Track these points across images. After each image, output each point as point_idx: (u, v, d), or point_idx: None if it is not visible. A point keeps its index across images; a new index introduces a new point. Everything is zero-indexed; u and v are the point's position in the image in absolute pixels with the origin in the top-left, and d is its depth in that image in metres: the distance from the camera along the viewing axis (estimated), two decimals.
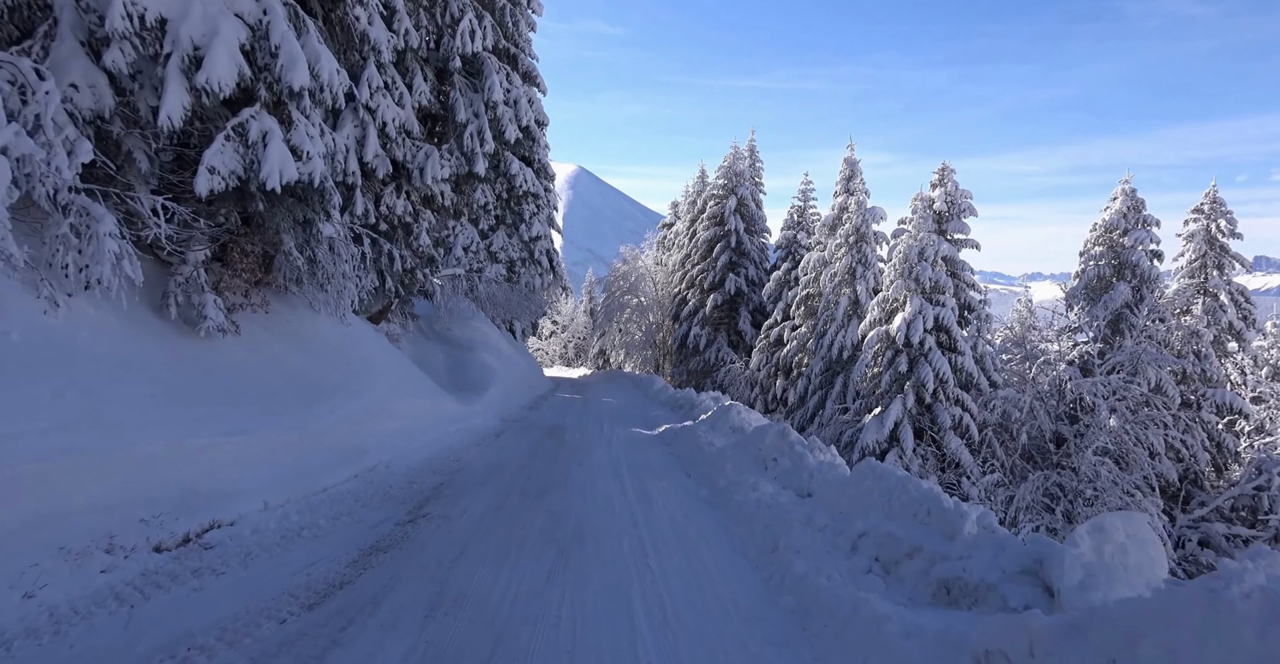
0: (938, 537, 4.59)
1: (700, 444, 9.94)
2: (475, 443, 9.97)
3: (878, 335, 18.34)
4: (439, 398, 10.64)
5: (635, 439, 12.28)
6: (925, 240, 18.11)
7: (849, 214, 21.53)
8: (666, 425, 13.69)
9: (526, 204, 24.43)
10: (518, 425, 12.76)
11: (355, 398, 7.60)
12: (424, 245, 12.80)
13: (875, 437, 17.86)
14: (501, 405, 15.02)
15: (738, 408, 10.84)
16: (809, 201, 30.18)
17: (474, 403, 12.57)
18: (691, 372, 33.35)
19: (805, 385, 23.05)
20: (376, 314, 13.77)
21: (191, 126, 5.62)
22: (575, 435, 12.09)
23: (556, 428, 13.01)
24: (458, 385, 14.37)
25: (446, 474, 7.68)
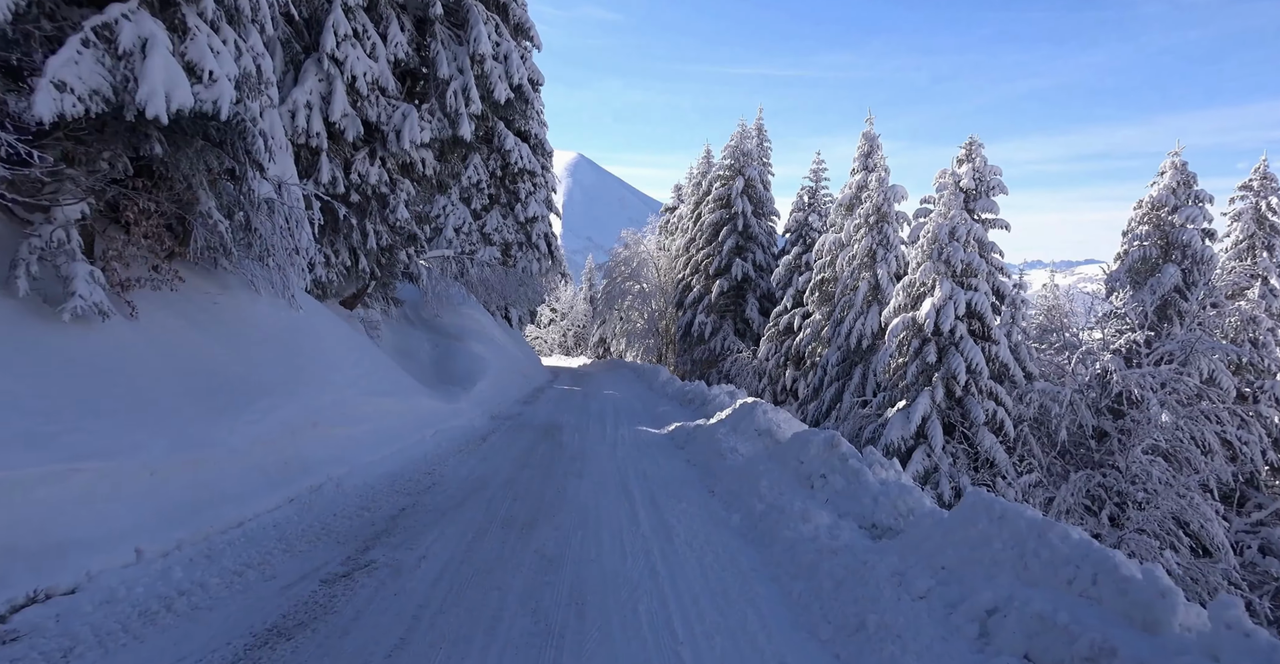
0: (1122, 623, 2.99)
1: (721, 450, 8.33)
2: (456, 450, 8.35)
3: (903, 323, 16.72)
4: (415, 396, 9.02)
5: (643, 441, 10.68)
6: (956, 219, 16.44)
7: (869, 192, 19.83)
8: (677, 424, 12.10)
9: (522, 182, 22.73)
10: (509, 425, 11.15)
11: (295, 399, 5.99)
12: (402, 220, 11.13)
13: (901, 433, 16.28)
14: (492, 401, 13.42)
15: (763, 407, 9.22)
16: (820, 182, 28.44)
17: (459, 399, 10.96)
18: (696, 361, 31.76)
19: (820, 376, 21.45)
20: (350, 298, 12.15)
21: (35, 26, 3.98)
22: (574, 437, 10.48)
23: (553, 427, 11.41)
24: (444, 379, 12.76)
25: (412, 494, 6.08)
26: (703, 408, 13.39)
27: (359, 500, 5.71)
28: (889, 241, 19.59)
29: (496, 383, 15.02)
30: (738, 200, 30.06)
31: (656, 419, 13.54)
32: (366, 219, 10.91)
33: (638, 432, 11.76)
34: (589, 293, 52.19)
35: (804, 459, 6.28)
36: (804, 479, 6.13)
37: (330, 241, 10.87)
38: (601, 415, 13.77)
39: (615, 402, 16.46)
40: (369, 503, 5.68)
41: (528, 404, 14.86)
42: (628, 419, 13.42)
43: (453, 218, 21.43)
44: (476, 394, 12.43)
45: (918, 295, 16.99)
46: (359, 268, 11.27)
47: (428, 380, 11.75)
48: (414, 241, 13.14)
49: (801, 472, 6.21)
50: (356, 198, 10.73)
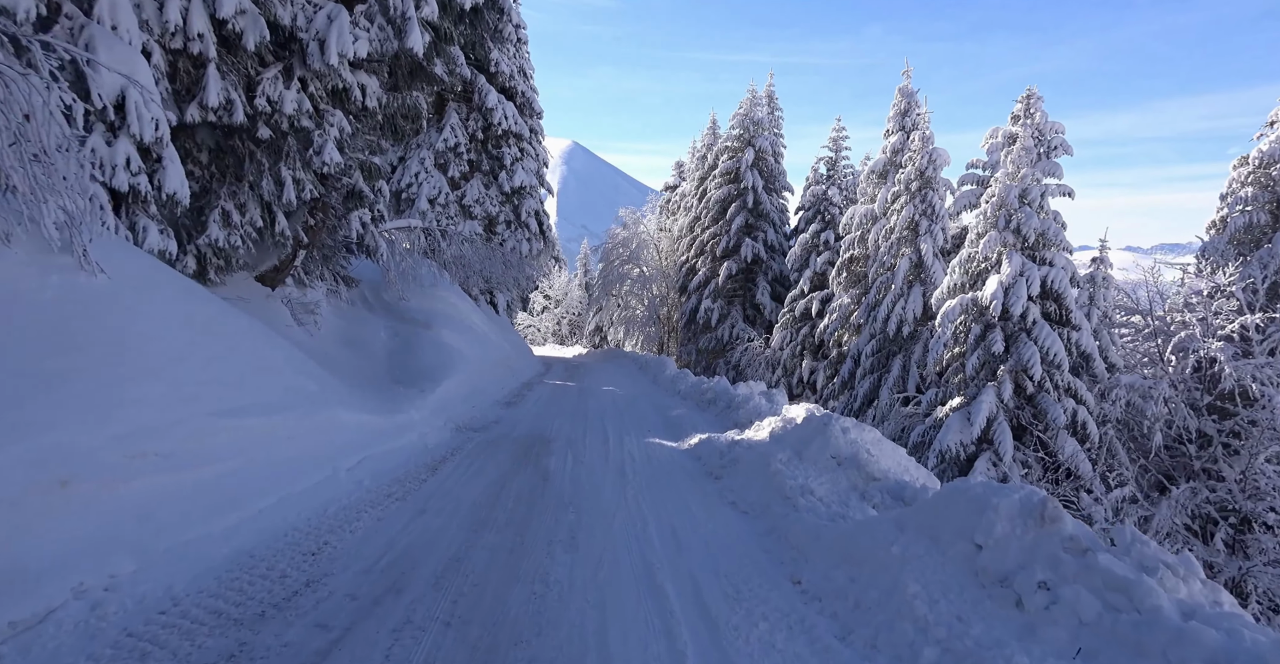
0: None
1: (786, 491, 5.43)
2: (383, 493, 5.42)
3: (960, 305, 13.82)
4: (329, 408, 6.08)
5: (660, 464, 7.77)
6: (1027, 179, 13.50)
7: (911, 154, 16.86)
8: (700, 435, 9.20)
9: (507, 146, 19.66)
10: (478, 442, 8.22)
11: (32, 435, 3.11)
12: (333, 165, 8.11)
13: (960, 437, 13.42)
14: (463, 404, 10.50)
15: (838, 423, 6.24)
16: (841, 152, 25.43)
17: (410, 407, 8.01)
18: (701, 351, 28.86)
19: (851, 368, 18.56)
20: (270, 272, 9.17)
21: None
22: (565, 460, 7.56)
23: (537, 442, 8.50)
24: (399, 377, 9.82)
25: (253, 612, 3.20)
26: (730, 413, 10.48)
27: (121, 644, 2.80)
28: (934, 211, 16.64)
29: (471, 380, 12.08)
30: (747, 174, 27.05)
31: (671, 426, 10.64)
32: (283, 162, 7.91)
33: (650, 447, 8.85)
34: (584, 279, 49.13)
35: (984, 540, 3.36)
36: (993, 581, 3.22)
37: (232, 193, 7.87)
38: (602, 420, 10.87)
39: (617, 401, 13.54)
40: (142, 647, 2.78)
41: (510, 406, 11.93)
42: (635, 426, 10.52)
43: (426, 187, 18.41)
44: (440, 397, 9.49)
45: (978, 272, 14.08)
46: (275, 231, 8.27)
47: (373, 381, 8.82)
48: (358, 201, 10.15)
49: (983, 567, 3.29)
50: (267, 133, 7.72)
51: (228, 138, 7.86)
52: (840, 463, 5.76)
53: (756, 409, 9.61)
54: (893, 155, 18.66)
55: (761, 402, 9.79)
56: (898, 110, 18.67)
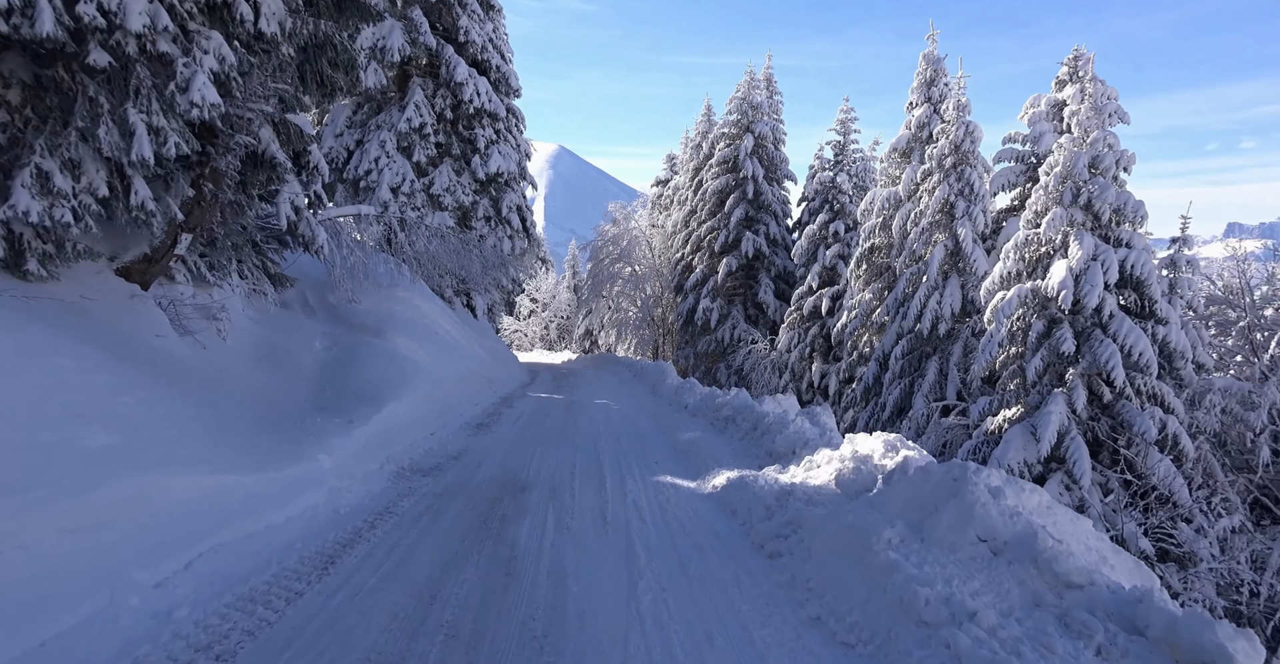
0: None
1: (920, 611, 3.05)
2: (191, 646, 3.01)
3: (1018, 297, 11.50)
4: (139, 473, 3.60)
5: (682, 527, 5.32)
6: (1098, 143, 11.21)
7: (944, 125, 14.54)
8: (726, 472, 6.82)
9: (480, 127, 17.18)
10: (422, 494, 5.78)
11: None
12: (208, 106, 5.67)
13: (1023, 454, 11.10)
14: (415, 432, 8.06)
15: (985, 479, 3.80)
16: (850, 135, 23.16)
17: (322, 449, 5.53)
18: (700, 354, 26.51)
19: (875, 372, 16.22)
20: (139, 264, 6.65)
21: None
22: (544, 529, 5.09)
23: (507, 492, 6.05)
24: (326, 401, 7.36)
25: None
26: (760, 440, 8.05)
27: None
28: (972, 190, 14.33)
29: (432, 398, 9.65)
30: (746, 162, 24.74)
31: (684, 456, 8.23)
32: (131, 103, 5.46)
33: (663, 493, 6.45)
34: (572, 281, 46.69)
35: None
36: None
37: (55, 146, 5.40)
38: (595, 449, 8.46)
39: (613, 419, 11.13)
40: None
41: (481, 431, 9.49)
42: (638, 457, 8.11)
43: (388, 174, 15.93)
44: (379, 427, 7.05)
45: (1038, 258, 11.77)
46: (132, 204, 5.81)
47: (281, 410, 6.35)
48: (271, 172, 7.69)
49: None
50: (105, 60, 5.27)
51: (47, 66, 5.40)
52: (998, 550, 3.38)
53: (800, 436, 7.21)
54: (918, 130, 16.37)
55: (804, 425, 7.38)
56: (922, 79, 16.38)
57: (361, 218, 11.93)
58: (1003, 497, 3.59)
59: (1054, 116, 14.58)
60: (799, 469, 6.30)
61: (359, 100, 16.31)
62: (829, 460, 5.94)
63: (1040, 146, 14.47)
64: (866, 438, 6.00)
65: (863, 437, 6.03)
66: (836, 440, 6.58)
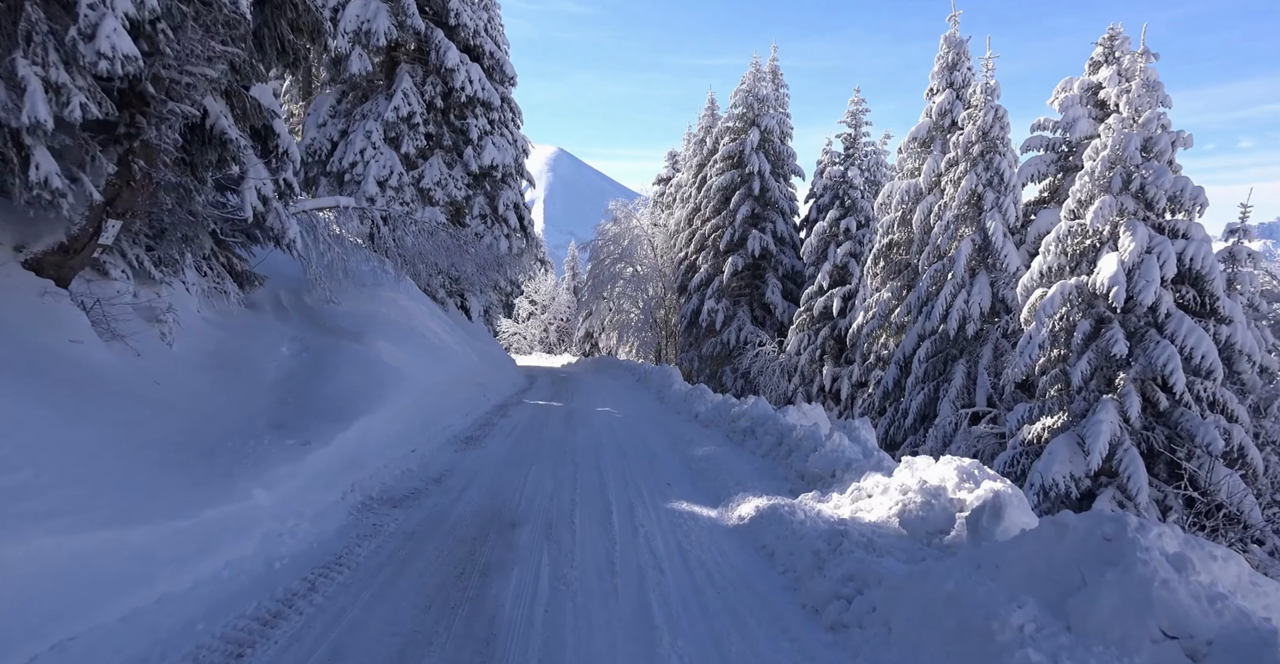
0: None
1: None
2: None
3: (1062, 294, 10.42)
4: None
5: (710, 580, 4.21)
6: (1151, 124, 10.14)
7: (971, 111, 13.47)
8: (753, 499, 5.75)
9: (473, 117, 16.09)
10: (387, 534, 4.67)
11: None
12: (119, 58, 4.58)
13: (1070, 467, 10.01)
14: (392, 449, 6.97)
15: (1157, 539, 2.76)
16: (861, 128, 22.10)
17: (260, 481, 4.42)
18: (705, 357, 25.44)
19: (895, 376, 15.13)
20: (54, 255, 5.53)
21: None
22: (536, 587, 3.96)
23: (493, 530, 4.95)
24: (286, 416, 6.27)
25: None
26: (789, 458, 6.95)
27: None
28: (1002, 181, 13.24)
29: (415, 410, 8.56)
30: (752, 157, 23.68)
31: (701, 476, 7.14)
32: (22, 51, 4.38)
33: (682, 528, 5.36)
34: (572, 283, 45.61)
35: None
36: None
37: None
38: (598, 468, 7.38)
39: (617, 430, 10.05)
40: None
41: (469, 446, 8.40)
42: (648, 478, 7.03)
43: (375, 166, 14.84)
44: (346, 447, 5.95)
45: (1083, 251, 10.69)
46: (33, 181, 4.74)
47: (222, 430, 5.26)
48: (220, 151, 6.61)
49: None
50: None
51: None
52: (1199, 656, 2.29)
53: (839, 455, 6.11)
54: (939, 118, 15.31)
55: (842, 442, 6.28)
56: (944, 64, 15.32)
57: (341, 211, 10.85)
58: (1190, 569, 2.51)
59: (1088, 101, 13.53)
60: (844, 498, 5.21)
61: (343, 88, 15.25)
62: (883, 489, 4.85)
63: (1074, 133, 13.41)
64: (929, 462, 4.91)
65: (924, 460, 4.94)
66: (887, 463, 5.49)
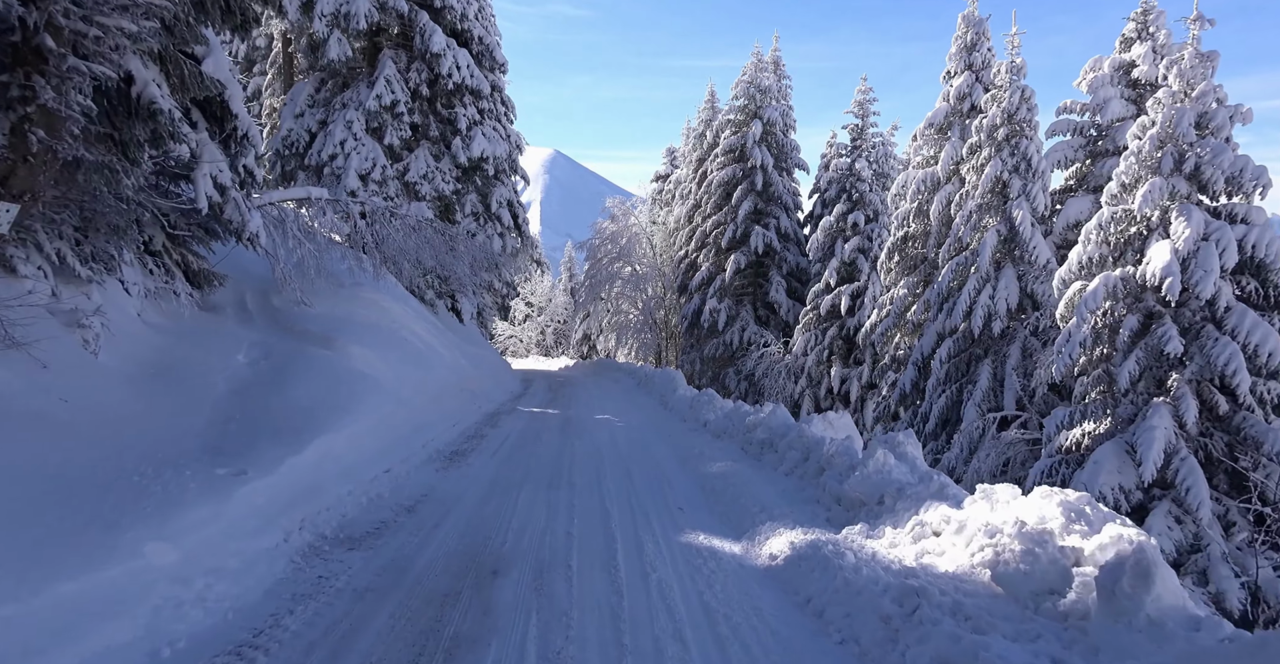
0: None
1: None
2: None
3: (1105, 287, 9.43)
4: None
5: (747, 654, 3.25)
6: (1207, 98, 9.15)
7: (996, 92, 12.46)
8: (784, 531, 4.77)
9: (461, 105, 15.04)
10: (323, 601, 3.61)
11: None
12: None
13: (1118, 478, 9.02)
14: (356, 476, 5.95)
15: None
16: (869, 117, 21.13)
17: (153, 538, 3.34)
18: (707, 359, 24.44)
19: (913, 377, 14.14)
20: None
21: None
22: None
23: (470, 583, 3.93)
24: (231, 435, 5.25)
25: None
26: (820, 478, 5.93)
27: None
28: (1030, 166, 12.25)
29: (391, 424, 7.55)
30: (755, 150, 22.70)
31: (718, 500, 6.15)
32: None
33: (701, 568, 4.38)
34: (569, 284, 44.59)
35: None
36: None
37: None
38: (599, 493, 6.37)
39: (619, 443, 9.03)
40: None
41: (452, 464, 7.39)
42: (657, 503, 6.04)
43: (356, 159, 13.81)
44: (292, 477, 4.94)
45: (1129, 239, 9.71)
46: None
47: (137, 459, 4.25)
48: (150, 123, 5.60)
49: None
50: None
51: None
52: None
53: (884, 477, 5.11)
54: (957, 102, 14.33)
55: (887, 461, 5.27)
56: (961, 45, 14.34)
57: (313, 203, 9.83)
58: None
59: (1120, 81, 12.56)
60: (901, 535, 4.21)
61: (322, 76, 14.23)
62: (957, 527, 3.84)
63: (1104, 115, 12.44)
64: (1012, 492, 3.89)
65: (1005, 489, 3.92)
66: (952, 490, 4.47)
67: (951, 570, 3.53)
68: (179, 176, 7.97)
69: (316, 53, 13.74)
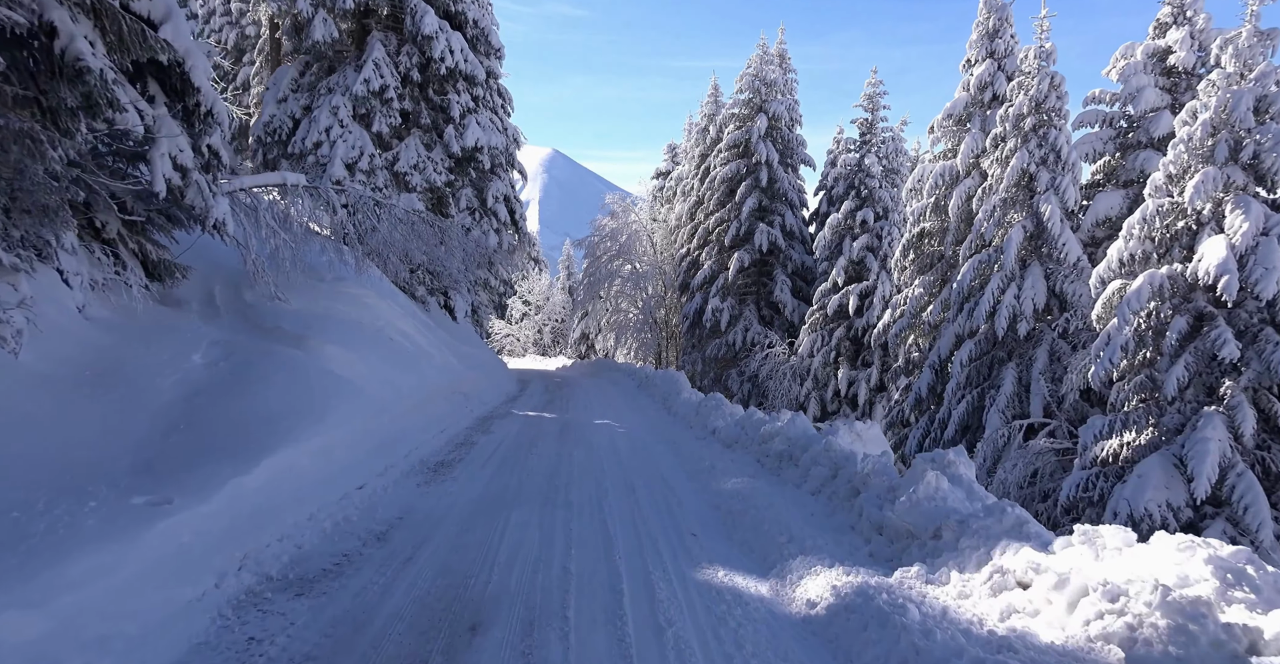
0: None
1: None
2: None
3: (1151, 286, 8.63)
4: None
5: None
6: (1267, 79, 8.35)
7: (1023, 79, 11.63)
8: (824, 572, 3.95)
9: (454, 92, 14.18)
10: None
11: None
12: None
13: (1166, 494, 8.22)
14: (319, 496, 5.13)
15: None
16: (879, 110, 20.32)
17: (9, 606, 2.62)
18: (709, 360, 23.63)
19: (929, 381, 13.33)
20: None
21: None
22: None
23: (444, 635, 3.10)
24: (159, 457, 4.42)
25: None
26: (854, 501, 5.09)
27: None
28: (1059, 158, 11.44)
29: (369, 433, 6.74)
30: (759, 145, 21.88)
31: (736, 525, 5.33)
32: None
33: (725, 619, 3.56)
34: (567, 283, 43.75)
35: None
36: None
37: None
38: (600, 515, 5.55)
39: (622, 453, 8.20)
40: None
41: (436, 478, 6.57)
42: (667, 529, 5.23)
43: (342, 147, 12.96)
44: (239, 498, 4.13)
45: (1176, 234, 8.91)
46: None
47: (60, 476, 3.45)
48: (80, 85, 4.78)
49: None
50: None
51: None
52: None
53: (937, 504, 4.30)
54: (978, 92, 13.52)
55: (940, 485, 4.45)
56: (983, 32, 13.53)
57: (289, 190, 8.99)
58: None
59: (1154, 68, 11.76)
60: (975, 583, 3.40)
61: (307, 59, 13.38)
62: (1052, 581, 3.03)
63: (1137, 105, 11.65)
64: (1123, 537, 3.07)
65: (1114, 532, 3.11)
66: (1033, 528, 3.65)
67: (1059, 642, 2.72)
68: (136, 157, 7.15)
69: (301, 34, 12.90)
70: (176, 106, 7.22)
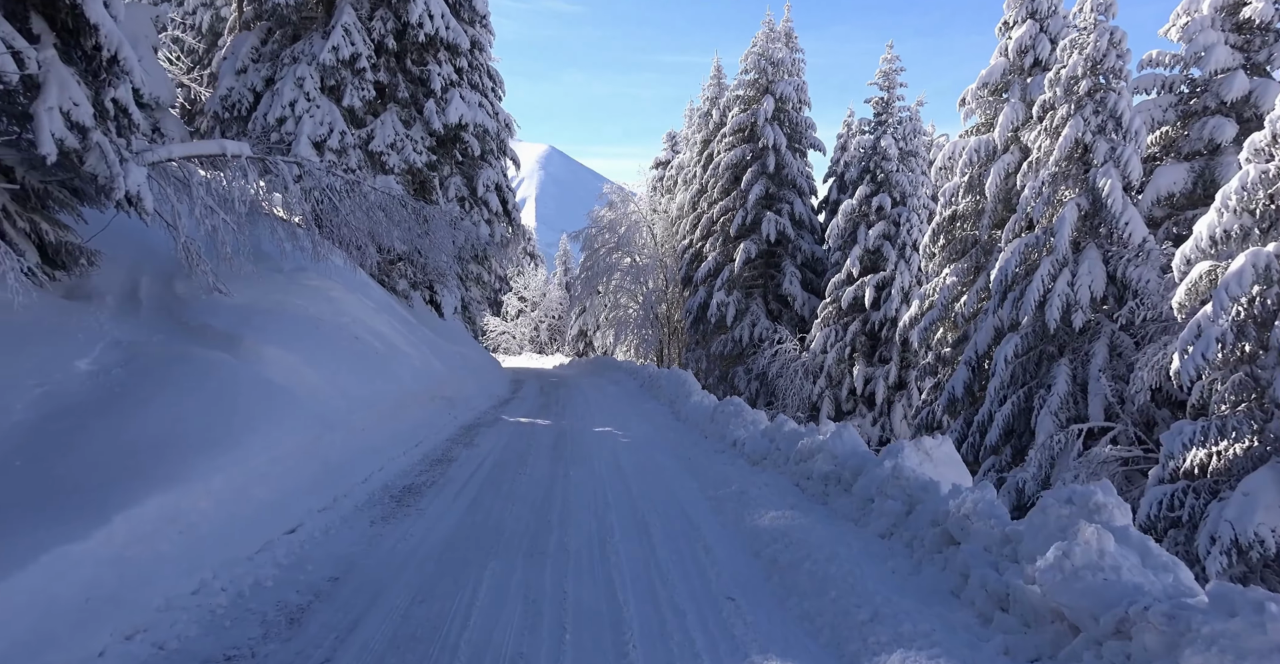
0: None
1: None
2: None
3: (1254, 268, 7.19)
4: None
5: None
6: None
7: (1078, 36, 10.16)
8: None
9: (435, 62, 12.59)
10: None
11: None
12: None
13: (1274, 516, 6.81)
14: (215, 556, 3.67)
15: None
16: (895, 88, 18.84)
17: None
18: (714, 357, 22.21)
19: (965, 378, 11.90)
20: None
21: None
22: None
23: None
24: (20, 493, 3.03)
25: None
26: (949, 553, 3.66)
27: None
28: (1120, 126, 9.97)
29: (313, 456, 5.30)
30: (766, 129, 20.40)
31: (789, 589, 3.87)
32: None
33: None
34: (564, 278, 42.27)
35: None
36: None
37: None
38: (605, 568, 4.12)
39: (627, 472, 6.74)
40: None
41: (398, 510, 5.13)
42: (693, 589, 3.78)
43: (309, 123, 11.43)
44: (61, 575, 2.69)
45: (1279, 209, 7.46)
46: None
47: None
48: None
49: None
50: None
51: None
52: None
53: (1108, 578, 2.87)
54: (1017, 57, 12.05)
55: (1105, 547, 3.03)
56: None
57: (228, 161, 7.49)
58: None
59: (1225, 24, 10.32)
60: None
61: (269, 25, 11.88)
62: None
63: (1205, 66, 10.24)
64: None
65: None
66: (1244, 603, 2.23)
67: None
68: (25, 117, 5.68)
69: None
70: (71, 51, 5.78)
